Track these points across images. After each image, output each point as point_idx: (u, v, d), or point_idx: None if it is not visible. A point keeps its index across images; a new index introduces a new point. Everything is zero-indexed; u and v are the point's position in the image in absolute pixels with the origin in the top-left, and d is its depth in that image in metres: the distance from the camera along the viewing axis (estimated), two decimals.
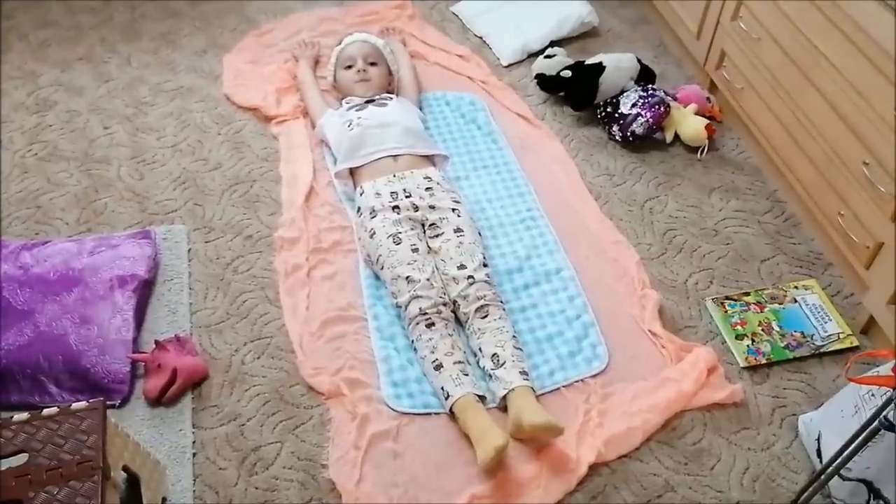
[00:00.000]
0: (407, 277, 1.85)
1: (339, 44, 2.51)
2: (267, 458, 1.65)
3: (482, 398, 1.71)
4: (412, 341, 1.81)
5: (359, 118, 2.19)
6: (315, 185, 2.23)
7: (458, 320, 1.86)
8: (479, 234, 2.02)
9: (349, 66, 2.41)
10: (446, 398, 1.69)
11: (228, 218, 2.16)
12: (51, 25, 2.85)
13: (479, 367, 1.78)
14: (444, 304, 1.82)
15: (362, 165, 2.11)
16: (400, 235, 1.92)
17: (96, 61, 2.69)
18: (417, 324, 1.79)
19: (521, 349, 1.78)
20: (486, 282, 1.86)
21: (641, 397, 1.74)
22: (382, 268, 1.91)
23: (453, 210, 2.00)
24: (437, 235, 1.95)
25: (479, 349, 1.78)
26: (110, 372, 1.73)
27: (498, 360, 1.74)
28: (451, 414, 1.70)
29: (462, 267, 1.88)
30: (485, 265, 1.91)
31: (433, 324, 1.79)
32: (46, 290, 1.83)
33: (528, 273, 2.01)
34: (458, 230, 1.95)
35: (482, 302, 1.82)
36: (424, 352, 1.76)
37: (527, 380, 1.71)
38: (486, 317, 1.81)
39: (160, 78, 2.63)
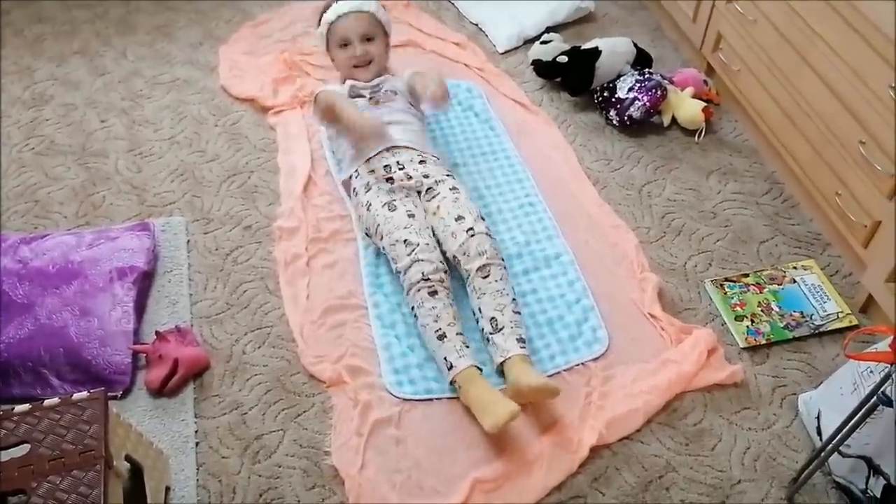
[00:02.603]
0: (405, 241, 1.85)
1: (326, 9, 2.26)
2: (269, 447, 1.66)
3: (480, 370, 1.72)
4: (412, 308, 1.81)
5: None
6: (313, 175, 2.23)
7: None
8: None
9: (344, 45, 2.23)
10: (449, 368, 1.70)
11: (227, 209, 2.16)
12: (46, 20, 2.85)
13: (477, 327, 1.80)
14: (445, 272, 1.83)
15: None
16: (395, 203, 1.94)
17: (92, 55, 2.69)
18: (419, 290, 1.79)
19: (519, 313, 1.79)
20: (485, 234, 1.87)
21: (642, 379, 1.75)
22: (381, 237, 1.91)
23: (448, 175, 2.03)
24: (433, 197, 1.97)
25: (479, 309, 1.80)
26: (111, 363, 1.73)
27: (496, 325, 1.75)
28: (451, 385, 1.71)
29: (460, 218, 1.89)
30: (482, 218, 1.92)
31: (436, 292, 1.79)
32: (46, 283, 1.83)
33: (527, 259, 2.01)
34: (453, 188, 1.98)
35: (484, 260, 1.82)
36: (427, 320, 1.76)
37: (524, 348, 1.72)
38: (486, 276, 1.81)
39: (156, 70, 2.63)
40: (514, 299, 1.80)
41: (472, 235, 1.85)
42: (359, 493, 1.56)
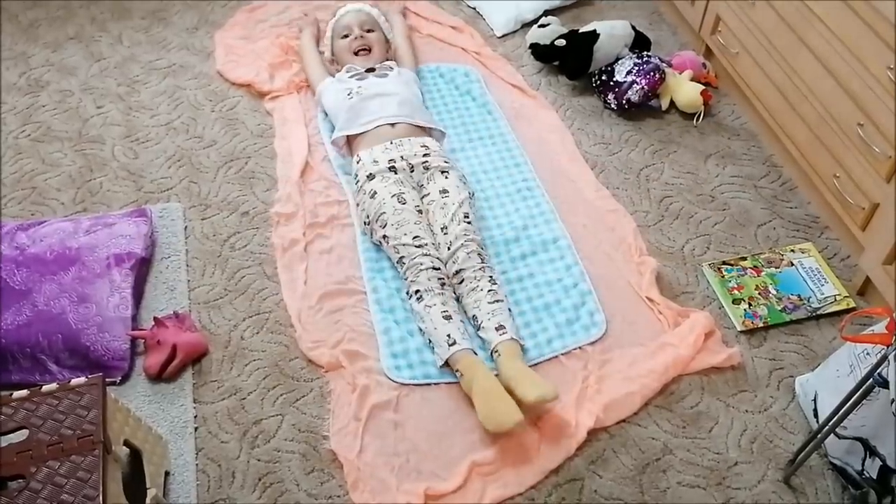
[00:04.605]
0: (415, 236, 1.87)
1: (334, 16, 2.52)
2: (268, 431, 1.66)
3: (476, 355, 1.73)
4: (417, 292, 1.81)
5: (359, 87, 2.20)
6: (310, 160, 2.22)
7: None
8: (472, 194, 2.02)
9: (345, 36, 2.40)
10: (451, 344, 1.71)
11: (224, 195, 2.16)
12: (40, 5, 2.83)
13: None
14: (449, 274, 1.86)
15: (360, 134, 2.11)
16: (404, 196, 1.95)
17: (87, 40, 2.68)
18: (430, 279, 1.81)
19: (499, 301, 1.80)
20: (462, 244, 1.86)
21: (640, 362, 1.75)
22: (385, 225, 1.91)
23: (443, 172, 2.02)
24: (422, 197, 1.99)
25: (465, 313, 1.83)
26: (110, 349, 1.74)
27: (477, 322, 1.78)
28: (447, 366, 1.72)
29: (444, 229, 1.90)
30: (467, 219, 1.92)
31: (445, 283, 1.82)
32: (44, 270, 1.83)
33: (525, 243, 2.01)
34: (442, 191, 1.98)
35: (456, 266, 1.84)
36: (435, 301, 1.78)
37: (504, 333, 1.73)
38: (462, 282, 1.83)
39: (152, 56, 2.62)
40: (490, 290, 1.80)
41: (451, 250, 1.86)
42: (357, 477, 1.57)
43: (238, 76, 2.50)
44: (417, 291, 1.81)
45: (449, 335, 1.72)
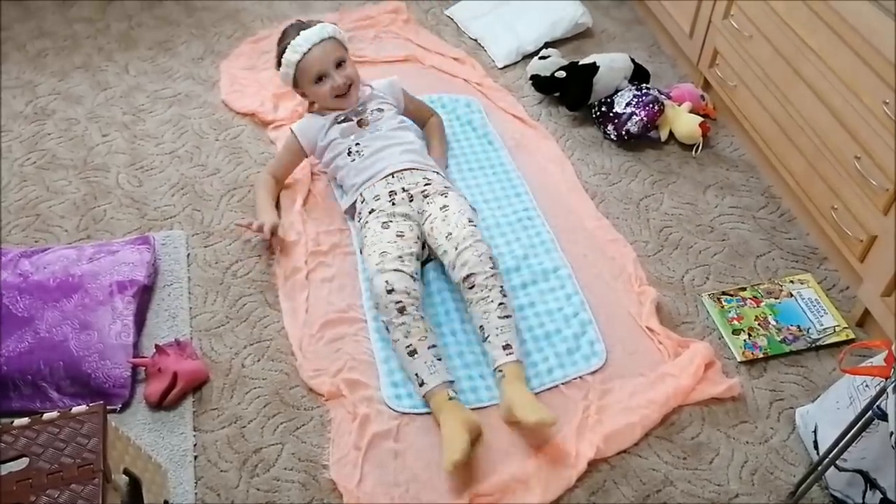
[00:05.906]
0: (382, 252, 1.86)
1: (283, 42, 2.17)
2: (268, 460, 1.66)
3: (452, 382, 1.73)
4: (383, 322, 1.81)
5: (357, 145, 2.12)
6: (312, 189, 2.24)
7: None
8: (474, 209, 2.04)
9: (320, 79, 2.13)
10: (420, 385, 1.71)
11: (227, 222, 2.17)
12: (47, 35, 2.87)
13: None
14: (415, 288, 1.81)
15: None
16: (390, 223, 1.95)
17: (94, 70, 2.71)
18: (386, 306, 1.78)
19: (509, 316, 1.80)
20: (471, 246, 1.86)
21: (640, 393, 1.75)
22: (363, 248, 1.94)
23: (442, 194, 2.02)
24: (425, 220, 1.99)
25: (471, 320, 1.83)
26: (111, 377, 1.74)
27: (483, 334, 1.78)
28: (425, 400, 1.73)
29: (449, 236, 1.90)
30: (472, 223, 1.93)
31: (404, 308, 1.77)
32: (46, 297, 1.84)
33: (525, 272, 2.02)
34: (443, 207, 1.98)
35: (466, 271, 1.83)
36: (397, 335, 1.77)
37: (511, 353, 1.73)
38: (472, 287, 1.83)
39: (158, 85, 2.65)
40: (500, 304, 1.80)
41: (457, 250, 1.87)
42: None
43: (242, 106, 2.53)
44: (384, 321, 1.82)
45: (417, 374, 1.72)
